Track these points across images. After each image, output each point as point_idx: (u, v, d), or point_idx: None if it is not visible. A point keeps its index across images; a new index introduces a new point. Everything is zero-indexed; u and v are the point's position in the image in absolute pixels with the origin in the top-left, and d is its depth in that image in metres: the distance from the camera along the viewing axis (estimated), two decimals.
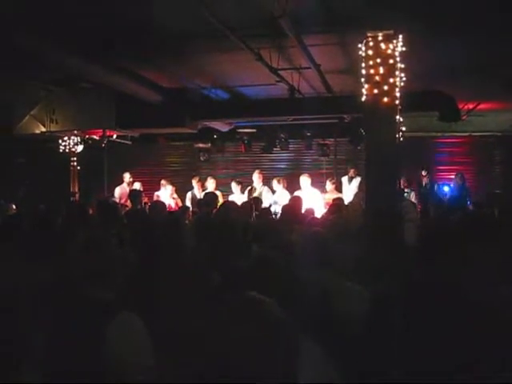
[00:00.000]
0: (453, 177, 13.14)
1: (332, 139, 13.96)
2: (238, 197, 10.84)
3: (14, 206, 10.45)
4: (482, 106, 11.69)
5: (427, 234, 3.43)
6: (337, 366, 2.60)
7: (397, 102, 6.56)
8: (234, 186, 11.69)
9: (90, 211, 7.78)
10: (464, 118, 11.92)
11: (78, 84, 10.13)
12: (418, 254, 3.57)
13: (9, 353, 3.09)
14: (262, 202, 9.30)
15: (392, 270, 3.94)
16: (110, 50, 7.89)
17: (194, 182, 12.22)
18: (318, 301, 3.47)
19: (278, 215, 7.87)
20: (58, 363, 2.69)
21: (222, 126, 12.80)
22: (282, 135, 13.33)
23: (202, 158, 14.06)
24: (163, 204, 7.86)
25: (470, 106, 11.64)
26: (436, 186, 13.35)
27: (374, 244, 5.13)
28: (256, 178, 11.60)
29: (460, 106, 11.14)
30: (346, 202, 9.07)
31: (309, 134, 13.30)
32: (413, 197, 12.06)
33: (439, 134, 14.59)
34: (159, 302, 3.26)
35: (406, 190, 12.22)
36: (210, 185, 12.02)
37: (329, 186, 11.63)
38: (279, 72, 8.70)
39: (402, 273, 3.72)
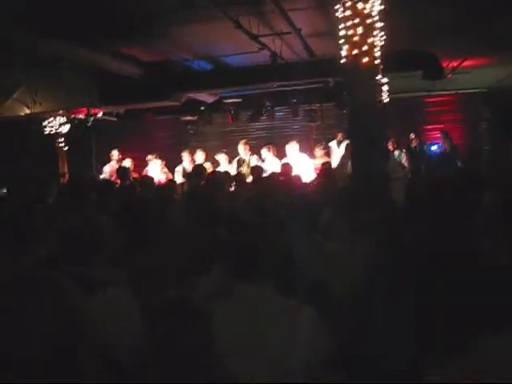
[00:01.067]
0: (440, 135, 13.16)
1: (318, 104, 13.91)
2: (226, 168, 10.83)
3: (4, 190, 10.42)
4: (466, 63, 11.63)
5: (415, 190, 3.43)
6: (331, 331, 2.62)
7: (377, 61, 6.51)
8: (221, 158, 11.67)
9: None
10: (449, 75, 11.88)
11: (59, 64, 10.02)
12: (406, 212, 3.57)
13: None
14: (261, 171, 9.09)
15: (381, 229, 3.97)
16: (88, 28, 7.81)
17: (185, 156, 12.15)
18: (305, 265, 3.50)
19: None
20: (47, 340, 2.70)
21: (206, 98, 12.71)
22: (267, 103, 13.28)
23: (189, 131, 14.00)
24: (151, 179, 7.85)
25: (455, 64, 11.58)
26: (425, 147, 13.35)
27: (363, 205, 5.16)
28: (241, 149, 11.56)
29: (444, 65, 11.09)
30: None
31: (295, 100, 13.23)
32: (403, 158, 12.08)
33: (426, 94, 14.58)
34: (149, 280, 3.27)
35: (395, 152, 12.23)
36: (200, 157, 11.98)
37: (318, 151, 11.65)
38: (261, 39, 8.62)
39: (391, 231, 3.75)
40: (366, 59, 6.37)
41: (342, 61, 6.59)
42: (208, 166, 10.38)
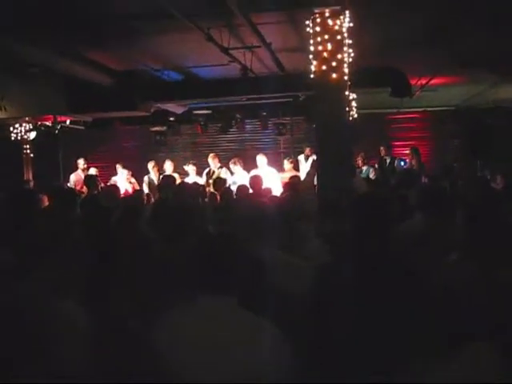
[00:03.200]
0: (408, 152, 13.29)
1: (288, 118, 13.98)
2: (194, 179, 10.80)
3: None
4: (434, 81, 11.80)
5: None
6: (292, 345, 2.60)
7: (346, 77, 6.56)
8: (190, 169, 11.64)
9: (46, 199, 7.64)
10: (417, 93, 12.04)
11: (27, 69, 9.89)
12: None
13: None
14: (224, 182, 9.26)
15: (343, 244, 3.98)
16: (57, 34, 7.72)
17: (150, 167, 12.08)
18: (271, 279, 3.47)
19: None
20: None
21: (176, 108, 12.69)
22: (237, 116, 13.31)
23: (158, 142, 13.93)
24: (116, 188, 7.75)
25: (423, 82, 11.74)
26: (397, 162, 13.45)
27: (328, 218, 5.18)
28: (211, 161, 11.58)
29: (413, 82, 11.25)
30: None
31: (264, 113, 13.30)
32: (371, 173, 12.13)
33: (395, 110, 14.75)
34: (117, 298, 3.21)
35: (363, 168, 12.30)
36: (168, 167, 11.93)
37: (287, 165, 11.68)
38: (231, 52, 8.63)
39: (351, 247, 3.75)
40: (334, 75, 6.41)
41: (311, 76, 6.62)
42: (177, 177, 10.32)
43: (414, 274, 2.83)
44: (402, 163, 13.03)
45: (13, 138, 12.76)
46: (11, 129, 12.66)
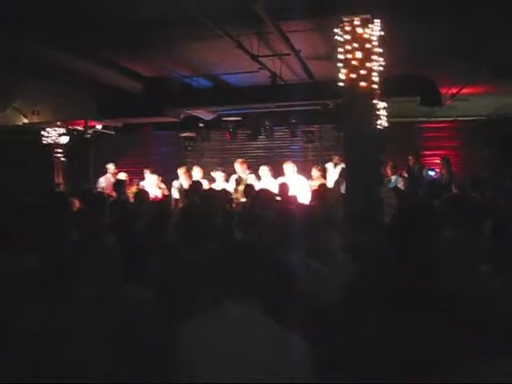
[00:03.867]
0: (438, 161, 13.14)
1: (317, 126, 13.95)
2: (222, 185, 10.79)
3: None
4: (465, 91, 11.68)
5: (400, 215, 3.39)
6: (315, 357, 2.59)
7: (375, 86, 6.54)
8: (218, 175, 11.64)
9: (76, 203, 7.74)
10: (448, 102, 11.93)
11: (59, 75, 10.06)
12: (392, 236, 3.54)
13: None
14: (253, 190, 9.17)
15: (370, 255, 3.96)
16: (88, 40, 7.83)
17: (181, 172, 12.07)
18: (297, 286, 3.47)
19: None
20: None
21: (205, 115, 12.76)
22: (266, 123, 13.30)
23: (187, 147, 13.99)
24: (145, 193, 7.82)
25: (454, 91, 11.64)
26: (425, 171, 13.31)
27: (354, 229, 5.16)
28: (238, 167, 11.53)
29: (443, 91, 11.16)
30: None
31: (294, 121, 13.28)
32: (400, 183, 12.00)
33: (425, 119, 14.63)
34: None
35: (392, 177, 12.18)
36: (197, 173, 11.92)
37: (315, 172, 11.63)
38: (260, 59, 8.66)
39: (378, 257, 3.73)
40: (363, 83, 6.40)
41: (340, 84, 6.61)
42: (205, 183, 10.34)
43: (444, 285, 2.80)
44: (432, 173, 12.88)
45: (44, 142, 12.95)
46: (43, 133, 12.85)
